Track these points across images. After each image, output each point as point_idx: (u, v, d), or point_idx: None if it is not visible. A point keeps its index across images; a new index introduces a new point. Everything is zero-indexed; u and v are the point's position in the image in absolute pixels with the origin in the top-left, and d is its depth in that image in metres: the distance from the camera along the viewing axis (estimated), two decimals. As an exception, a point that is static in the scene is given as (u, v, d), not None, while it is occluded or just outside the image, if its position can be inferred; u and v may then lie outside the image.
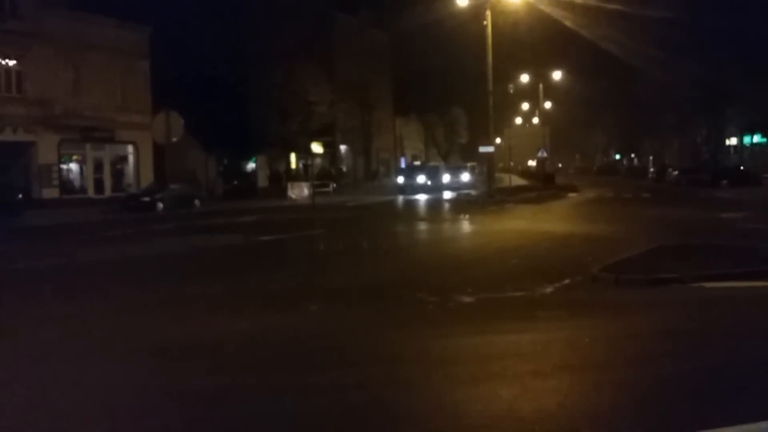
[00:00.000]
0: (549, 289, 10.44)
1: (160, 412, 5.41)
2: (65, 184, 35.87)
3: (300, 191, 40.59)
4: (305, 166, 50.42)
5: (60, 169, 35.55)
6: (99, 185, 37.51)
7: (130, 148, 39.00)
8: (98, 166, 37.84)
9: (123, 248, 17.27)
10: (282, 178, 46.81)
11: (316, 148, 49.91)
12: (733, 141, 56.86)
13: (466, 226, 23.89)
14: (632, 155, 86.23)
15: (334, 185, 46.32)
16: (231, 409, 5.41)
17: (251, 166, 49.52)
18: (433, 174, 47.86)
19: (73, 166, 37.31)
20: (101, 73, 36.27)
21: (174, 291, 10.92)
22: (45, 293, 10.91)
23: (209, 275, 12.76)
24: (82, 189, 36.91)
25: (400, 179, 47.18)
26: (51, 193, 34.10)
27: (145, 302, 10.07)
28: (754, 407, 4.93)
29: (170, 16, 38.62)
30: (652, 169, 65.15)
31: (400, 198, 39.34)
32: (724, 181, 42.32)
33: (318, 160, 54.29)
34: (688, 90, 52.59)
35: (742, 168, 48.21)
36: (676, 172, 52.00)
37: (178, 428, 5.12)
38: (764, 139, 47.82)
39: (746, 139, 53.83)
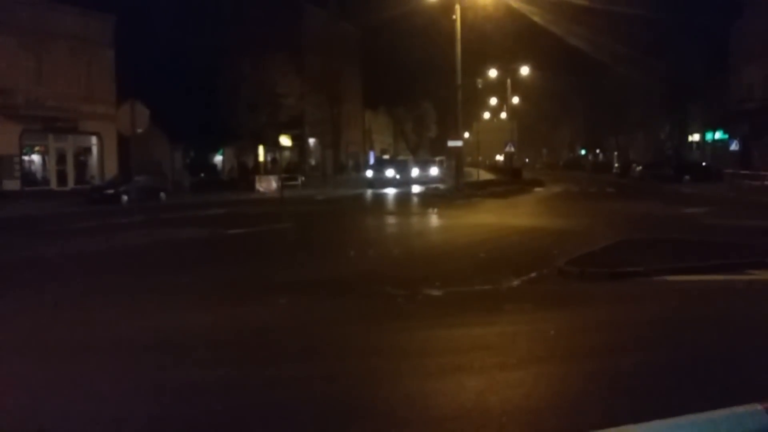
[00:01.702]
0: (516, 283, 10.54)
1: (123, 406, 5.34)
2: (27, 176, 35.10)
3: (268, 184, 40.35)
4: (273, 159, 50.08)
5: (22, 161, 34.77)
6: (62, 177, 36.79)
7: (93, 139, 38.29)
8: (61, 158, 37.10)
9: (86, 241, 16.98)
10: (249, 170, 46.45)
11: (285, 140, 49.59)
12: (695, 137, 57.92)
13: (434, 220, 23.99)
14: (597, 150, 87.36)
15: (303, 178, 46.12)
16: (195, 403, 5.37)
17: (218, 158, 49.02)
18: (402, 168, 47.91)
19: (35, 158, 36.52)
20: (65, 62, 35.54)
21: (138, 284, 10.77)
22: (4, 287, 10.68)
23: (174, 269, 12.61)
24: (45, 181, 36.19)
25: (369, 173, 47.14)
26: (12, 185, 33.33)
27: (108, 295, 9.92)
28: (715, 396, 5.05)
29: (136, 4, 37.98)
30: (616, 165, 66.04)
31: (369, 192, 39.32)
32: (687, 177, 43.12)
33: (286, 153, 53.95)
34: (652, 87, 53.40)
35: (704, 164, 49.16)
36: (640, 168, 52.78)
37: (142, 422, 5.07)
38: (726, 136, 48.77)
39: (708, 136, 54.87)
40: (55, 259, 13.97)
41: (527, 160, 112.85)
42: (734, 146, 42.64)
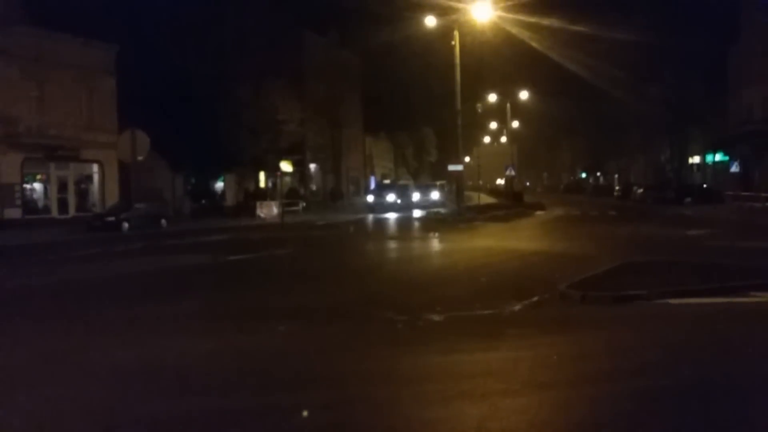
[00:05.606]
0: (517, 307, 10.46)
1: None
2: (28, 204, 35.15)
3: (269, 210, 40.36)
4: (274, 184, 50.19)
5: (23, 189, 34.86)
6: (63, 205, 36.82)
7: (95, 167, 38.42)
8: (62, 186, 37.17)
9: (87, 269, 16.94)
10: (250, 196, 46.51)
11: (286, 166, 49.74)
12: (696, 159, 58.05)
13: (435, 244, 23.93)
14: (598, 173, 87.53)
15: (303, 204, 46.14)
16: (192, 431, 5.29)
17: (219, 185, 49.13)
18: (403, 192, 47.99)
19: (37, 186, 36.61)
20: (66, 91, 35.77)
21: (138, 311, 10.70)
22: (6, 315, 10.61)
23: (175, 295, 12.54)
24: (46, 209, 36.21)
25: (370, 198, 47.20)
26: (13, 213, 33.37)
27: (109, 323, 9.85)
28: (720, 422, 4.97)
29: (137, 33, 38.32)
30: (617, 187, 66.12)
31: (370, 217, 39.32)
32: (688, 199, 43.13)
33: (287, 179, 54.08)
34: (652, 110, 53.64)
35: (705, 186, 49.21)
36: (641, 190, 52.83)
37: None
38: (726, 158, 48.85)
39: (709, 158, 54.98)
40: (53, 286, 13.90)
41: (528, 183, 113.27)
42: (735, 168, 42.66)
